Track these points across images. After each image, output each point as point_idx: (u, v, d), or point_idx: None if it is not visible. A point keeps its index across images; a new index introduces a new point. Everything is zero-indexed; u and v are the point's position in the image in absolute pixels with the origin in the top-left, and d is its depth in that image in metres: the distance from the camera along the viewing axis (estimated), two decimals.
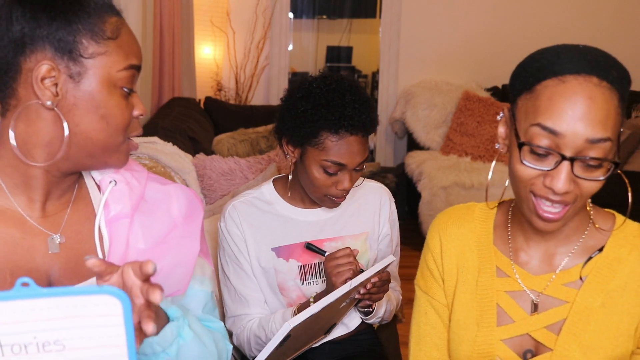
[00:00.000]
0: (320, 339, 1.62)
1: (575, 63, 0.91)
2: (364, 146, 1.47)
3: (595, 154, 0.89)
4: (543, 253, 1.06)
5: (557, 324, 1.03)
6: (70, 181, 0.98)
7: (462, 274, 1.11)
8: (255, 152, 3.79)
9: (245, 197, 1.60)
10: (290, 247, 1.57)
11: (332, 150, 1.44)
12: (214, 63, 4.74)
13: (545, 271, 1.05)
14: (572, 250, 1.04)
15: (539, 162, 0.92)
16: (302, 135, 1.46)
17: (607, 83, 0.90)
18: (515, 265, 1.07)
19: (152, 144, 2.65)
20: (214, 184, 2.81)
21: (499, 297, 1.07)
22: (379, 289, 1.47)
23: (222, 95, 4.78)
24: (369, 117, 1.45)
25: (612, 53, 0.98)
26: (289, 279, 1.57)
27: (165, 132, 3.00)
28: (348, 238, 1.61)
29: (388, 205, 1.68)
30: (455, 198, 3.87)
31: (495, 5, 4.80)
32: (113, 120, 0.91)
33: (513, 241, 1.09)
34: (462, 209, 1.16)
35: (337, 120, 1.42)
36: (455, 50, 4.82)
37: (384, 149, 4.93)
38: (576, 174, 0.90)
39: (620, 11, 4.83)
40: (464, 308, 1.09)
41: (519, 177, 0.95)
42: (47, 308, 0.63)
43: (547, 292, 1.04)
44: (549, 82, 0.92)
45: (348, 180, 1.47)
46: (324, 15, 8.03)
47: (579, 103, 0.89)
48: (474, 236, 1.12)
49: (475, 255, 1.11)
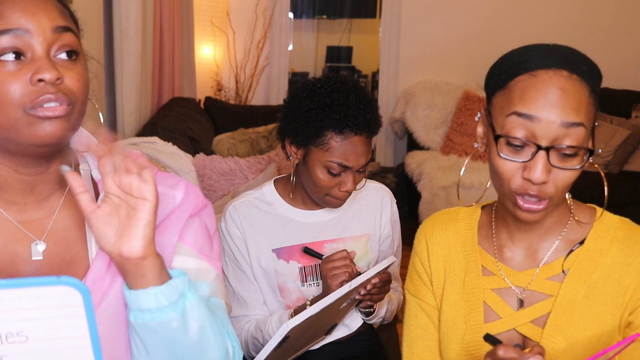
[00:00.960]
0: (320, 340, 1.62)
1: (545, 59, 0.96)
2: (367, 147, 1.47)
3: (570, 142, 0.92)
4: (526, 249, 1.08)
5: (542, 318, 1.05)
6: (47, 179, 0.92)
7: (450, 275, 1.13)
8: (255, 152, 3.79)
9: (246, 198, 1.59)
10: (291, 249, 1.57)
11: (336, 151, 1.44)
12: (214, 63, 4.74)
13: (529, 266, 1.07)
14: (554, 244, 1.07)
15: (516, 154, 0.95)
16: (306, 136, 1.45)
17: (577, 76, 0.94)
18: (500, 262, 1.09)
19: (152, 144, 2.65)
20: (214, 184, 2.81)
21: (486, 295, 1.09)
22: (379, 289, 1.47)
23: (222, 95, 4.77)
24: (373, 117, 1.46)
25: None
26: (290, 280, 1.57)
27: (165, 132, 3.00)
28: (349, 239, 1.61)
29: (389, 206, 1.67)
30: (455, 198, 3.87)
31: (495, 5, 4.80)
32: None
33: (497, 239, 1.11)
34: (447, 213, 1.19)
35: (341, 119, 1.42)
36: (455, 50, 4.82)
37: (384, 149, 4.93)
38: (552, 164, 0.93)
39: (620, 11, 4.83)
40: (452, 308, 1.12)
41: (499, 173, 0.97)
42: (8, 299, 0.64)
43: (531, 287, 1.06)
44: (521, 78, 0.96)
45: (351, 181, 1.47)
46: (324, 15, 8.02)
47: (551, 92, 0.93)
48: (459, 238, 1.14)
49: (462, 256, 1.13)
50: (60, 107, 0.84)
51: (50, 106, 0.83)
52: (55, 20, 0.85)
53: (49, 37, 0.84)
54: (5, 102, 0.82)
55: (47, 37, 0.84)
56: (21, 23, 0.83)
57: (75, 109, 0.86)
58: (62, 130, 0.85)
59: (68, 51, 0.86)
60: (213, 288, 0.99)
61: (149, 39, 3.56)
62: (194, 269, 0.97)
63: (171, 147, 2.71)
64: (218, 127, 4.16)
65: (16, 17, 0.83)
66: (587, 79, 0.95)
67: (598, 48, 4.70)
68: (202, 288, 0.97)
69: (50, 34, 0.85)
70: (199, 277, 0.97)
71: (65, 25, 0.86)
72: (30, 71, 0.82)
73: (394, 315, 1.74)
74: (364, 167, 1.48)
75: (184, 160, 2.72)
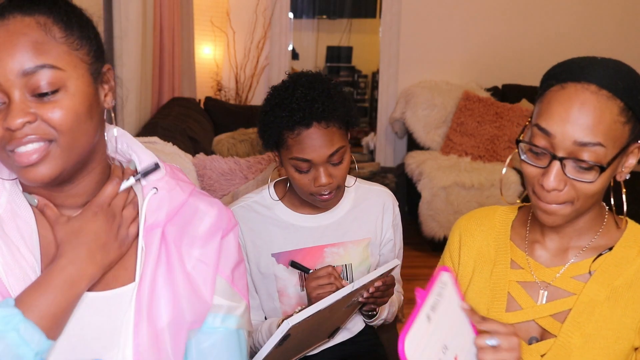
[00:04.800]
0: (323, 343, 1.61)
1: (579, 71, 0.99)
2: (328, 137, 1.40)
3: (587, 157, 0.96)
4: (556, 248, 1.13)
5: (563, 313, 1.08)
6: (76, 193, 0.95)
7: (478, 265, 1.19)
8: (255, 152, 3.79)
9: (245, 202, 1.58)
10: (291, 253, 1.55)
11: (294, 148, 1.41)
12: (214, 63, 4.74)
13: (557, 264, 1.12)
14: (584, 247, 1.11)
15: (536, 159, 1.01)
16: (269, 139, 1.46)
17: (607, 92, 0.96)
18: (530, 258, 1.14)
19: (152, 144, 2.65)
20: (214, 184, 2.81)
21: (511, 286, 1.14)
22: (383, 293, 1.46)
23: (222, 95, 4.77)
24: (323, 105, 1.39)
25: (614, 56, 1.01)
26: (290, 285, 1.56)
27: (165, 132, 3.00)
28: (349, 244, 1.59)
29: (392, 210, 1.65)
30: (455, 198, 3.87)
31: (496, 6, 4.80)
32: None
33: (530, 236, 1.16)
34: (485, 210, 1.25)
35: (288, 116, 1.39)
36: (455, 50, 4.82)
37: (384, 149, 4.93)
38: (568, 175, 0.98)
39: (621, 12, 4.83)
40: (476, 295, 1.17)
41: (524, 175, 1.04)
42: None
43: (555, 283, 1.11)
44: (554, 89, 1.00)
45: (322, 175, 1.42)
46: (324, 15, 8.03)
47: (570, 107, 0.96)
48: (492, 232, 1.20)
49: (493, 249, 1.19)
50: (36, 149, 0.85)
51: (24, 151, 0.84)
52: (26, 61, 0.83)
53: (19, 81, 0.83)
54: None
55: (18, 82, 0.83)
56: None
57: (61, 142, 0.86)
58: (50, 171, 0.86)
59: (41, 92, 0.84)
60: (241, 321, 1.04)
61: (149, 39, 3.56)
62: (226, 306, 1.01)
63: (171, 147, 2.71)
64: (218, 127, 4.15)
65: None
66: (622, 95, 0.96)
67: (601, 51, 4.71)
68: (231, 321, 1.02)
69: (21, 78, 0.83)
70: (230, 312, 1.02)
71: (37, 64, 0.83)
72: (3, 118, 0.83)
73: (395, 316, 1.73)
74: (334, 159, 1.43)
75: (184, 160, 2.72)
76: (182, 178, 1.04)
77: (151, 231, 0.96)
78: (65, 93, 0.86)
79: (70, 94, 0.86)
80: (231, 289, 1.02)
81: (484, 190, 3.90)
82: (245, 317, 1.05)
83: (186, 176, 1.06)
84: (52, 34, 0.85)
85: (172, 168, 1.04)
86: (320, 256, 1.57)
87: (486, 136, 4.30)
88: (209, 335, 1.00)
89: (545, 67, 1.07)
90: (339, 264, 1.58)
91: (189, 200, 1.01)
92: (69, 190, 0.94)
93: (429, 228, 3.89)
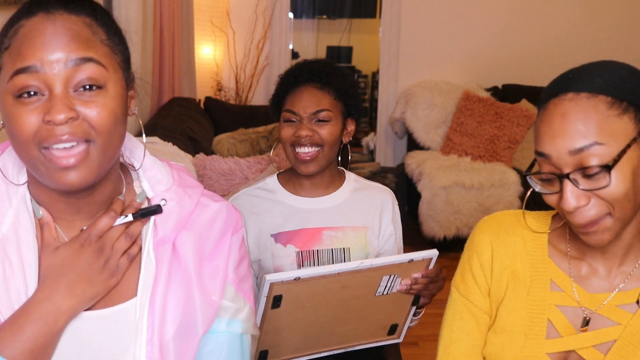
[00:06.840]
0: (383, 340, 1.57)
1: (555, 87, 0.95)
2: (317, 97, 1.56)
3: (591, 162, 0.89)
4: (602, 271, 1.05)
5: (606, 345, 1.01)
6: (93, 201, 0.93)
7: (513, 281, 1.09)
8: (255, 152, 3.79)
9: (247, 189, 1.66)
10: (289, 234, 1.59)
11: (288, 102, 1.58)
12: (214, 63, 4.74)
13: (603, 290, 1.04)
14: (633, 270, 1.03)
15: (550, 187, 0.96)
16: (273, 104, 1.63)
17: (586, 93, 0.91)
18: (574, 282, 1.06)
19: (152, 144, 2.65)
20: (214, 184, 2.81)
21: (550, 311, 1.05)
22: (424, 285, 1.45)
23: (222, 95, 4.78)
24: (321, 69, 1.58)
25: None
26: (286, 263, 1.58)
27: (165, 132, 3.00)
28: (348, 229, 1.62)
29: (391, 207, 1.68)
30: (455, 198, 3.87)
31: (496, 6, 4.80)
32: (14, 132, 0.83)
33: (571, 254, 1.07)
34: (511, 215, 1.15)
35: (290, 74, 1.59)
36: (455, 50, 4.82)
37: (384, 149, 4.93)
38: (582, 188, 0.91)
39: (621, 12, 4.83)
40: (512, 315, 1.08)
41: (550, 205, 0.98)
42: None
43: (600, 311, 1.02)
44: (539, 112, 0.97)
45: (303, 129, 1.54)
46: (324, 15, 8.03)
47: (553, 122, 0.92)
48: (526, 244, 1.10)
49: (527, 265, 1.09)
50: (74, 149, 0.83)
51: (63, 148, 0.82)
52: (73, 52, 0.82)
53: (64, 73, 0.82)
54: (22, 140, 0.83)
55: (63, 74, 0.82)
56: (36, 60, 0.81)
57: (98, 144, 0.84)
58: (86, 175, 0.84)
59: (87, 85, 0.83)
60: (246, 326, 1.02)
61: (149, 39, 3.56)
62: (233, 309, 1.00)
63: (171, 147, 2.71)
64: (218, 127, 4.16)
65: (31, 55, 0.81)
66: (604, 91, 0.91)
67: (601, 50, 4.71)
68: (236, 326, 1.00)
69: (66, 69, 0.82)
70: (235, 316, 1.01)
71: (84, 56, 0.83)
72: (45, 110, 0.81)
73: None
74: (317, 117, 1.55)
75: (184, 160, 2.72)
76: (190, 183, 1.02)
77: (161, 246, 0.94)
78: (105, 93, 0.85)
79: (110, 96, 0.85)
80: (236, 292, 1.01)
81: (484, 190, 3.90)
82: (251, 320, 1.03)
83: (191, 175, 1.05)
84: (97, 35, 0.86)
85: (179, 171, 1.02)
86: (318, 238, 1.59)
87: (486, 136, 4.30)
88: (212, 339, 0.99)
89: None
90: (337, 247, 1.61)
91: (201, 200, 1.00)
92: (85, 198, 0.91)
93: (429, 228, 3.90)
